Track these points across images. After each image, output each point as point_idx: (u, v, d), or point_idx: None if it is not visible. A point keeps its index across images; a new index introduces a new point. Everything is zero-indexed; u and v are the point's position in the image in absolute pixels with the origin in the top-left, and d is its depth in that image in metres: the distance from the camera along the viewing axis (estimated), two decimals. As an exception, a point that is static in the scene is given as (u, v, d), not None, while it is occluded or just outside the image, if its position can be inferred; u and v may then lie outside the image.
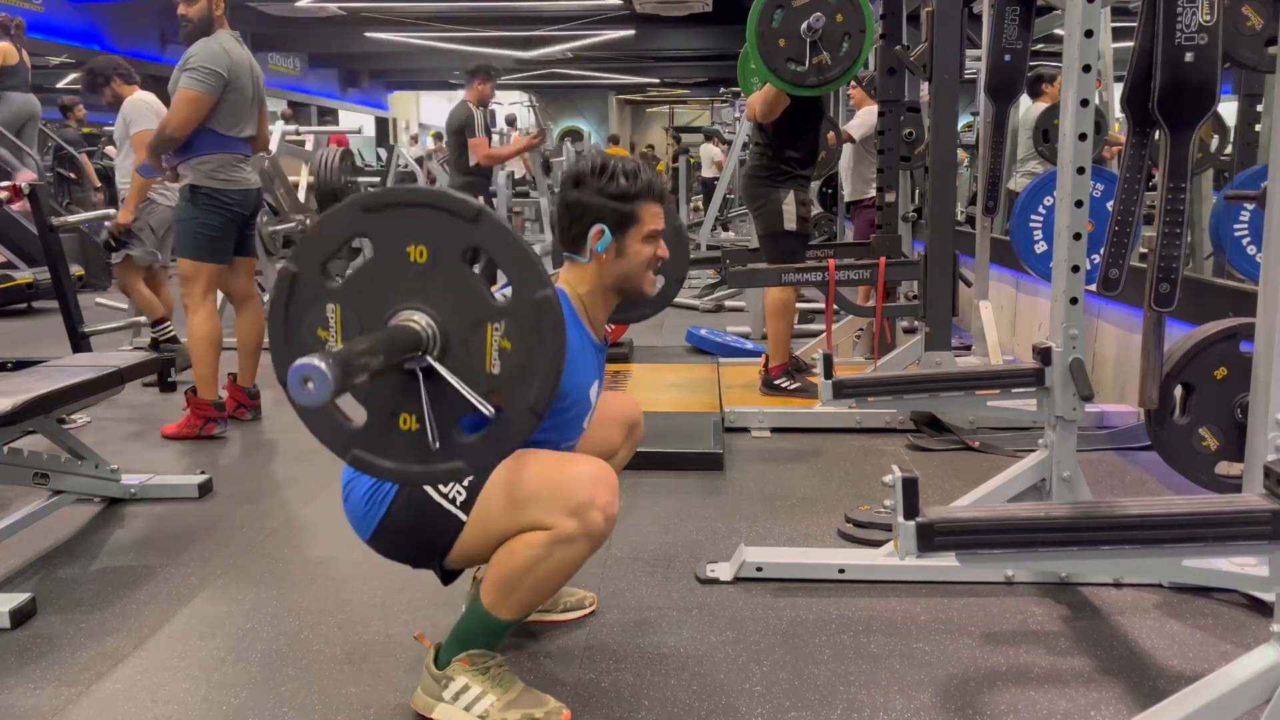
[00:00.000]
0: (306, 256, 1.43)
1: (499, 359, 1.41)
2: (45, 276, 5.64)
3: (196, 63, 3.43)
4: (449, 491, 1.68)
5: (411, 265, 1.40)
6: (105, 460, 2.90)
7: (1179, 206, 2.14)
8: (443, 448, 1.43)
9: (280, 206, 6.01)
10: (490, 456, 1.47)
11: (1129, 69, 2.15)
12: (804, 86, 3.59)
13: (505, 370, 1.41)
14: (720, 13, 11.96)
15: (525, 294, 1.39)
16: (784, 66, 3.56)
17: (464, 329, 1.40)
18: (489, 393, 1.41)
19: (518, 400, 1.41)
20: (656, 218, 1.83)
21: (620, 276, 1.84)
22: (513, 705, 1.72)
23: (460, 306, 1.40)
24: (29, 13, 10.81)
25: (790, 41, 3.53)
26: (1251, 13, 2.93)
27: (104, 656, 2.03)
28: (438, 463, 1.44)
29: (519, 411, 1.42)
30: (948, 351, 3.65)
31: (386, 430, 1.45)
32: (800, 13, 3.51)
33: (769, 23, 3.53)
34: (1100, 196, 3.48)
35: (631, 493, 2.99)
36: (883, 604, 2.23)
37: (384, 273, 1.41)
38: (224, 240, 3.66)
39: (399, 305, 1.40)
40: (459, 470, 1.46)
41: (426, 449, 1.43)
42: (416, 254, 1.40)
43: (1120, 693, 1.85)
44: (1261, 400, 1.68)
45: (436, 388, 1.41)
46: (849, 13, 3.53)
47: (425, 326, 1.39)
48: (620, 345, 4.97)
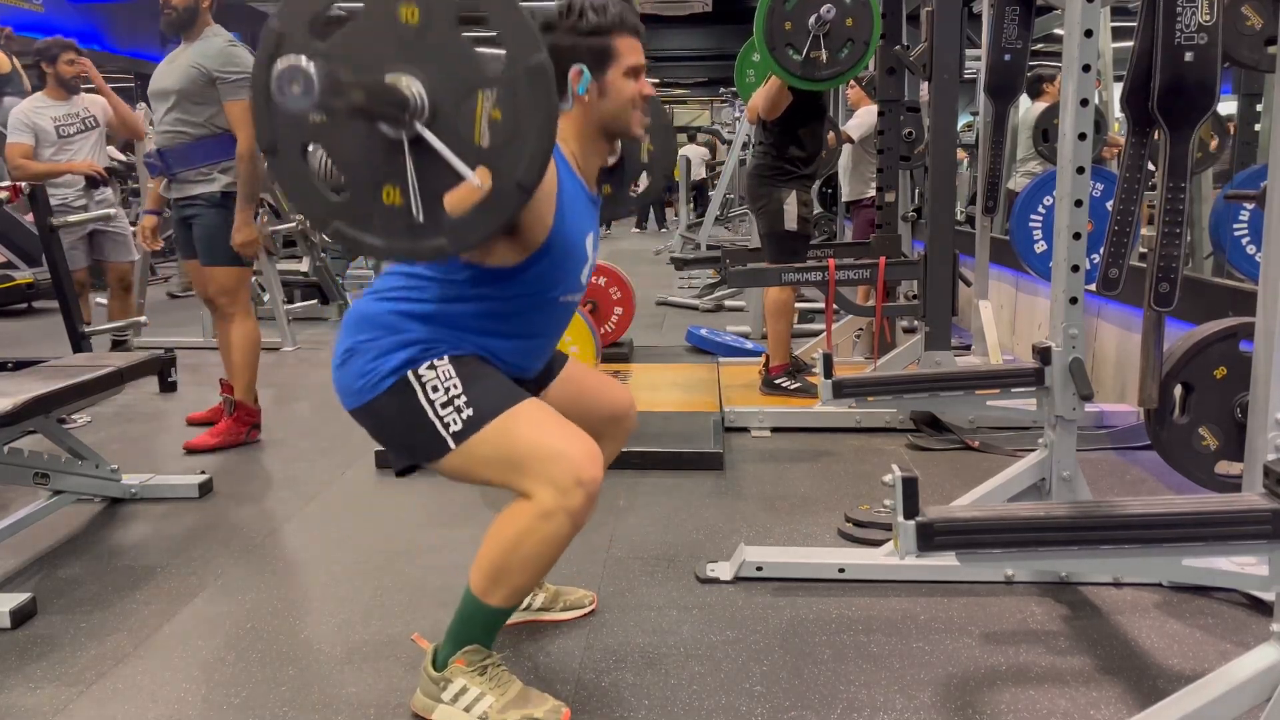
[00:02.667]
0: (293, 15, 1.37)
1: (488, 131, 1.36)
2: (45, 276, 5.63)
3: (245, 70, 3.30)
4: (446, 416, 1.66)
5: (402, 26, 1.34)
6: (105, 460, 2.90)
7: (1179, 206, 2.15)
8: (427, 222, 1.39)
9: (280, 207, 6.02)
10: (475, 233, 1.42)
11: (1129, 69, 2.15)
12: (792, 75, 3.57)
13: (495, 141, 1.36)
14: (720, 13, 11.95)
15: (518, 59, 1.33)
16: (781, 48, 3.53)
17: (454, 97, 1.35)
18: (477, 165, 1.36)
19: (506, 174, 1.37)
20: (635, 50, 1.76)
21: (606, 117, 1.77)
22: (512, 705, 1.72)
23: (451, 72, 1.34)
24: (29, 14, 10.81)
25: (796, 28, 3.50)
26: (1251, 12, 2.93)
27: (104, 656, 2.03)
28: (422, 239, 1.40)
29: (507, 185, 1.37)
30: (947, 351, 3.65)
31: (369, 203, 1.40)
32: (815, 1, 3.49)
33: (782, 1, 3.51)
34: (1100, 196, 3.49)
35: (631, 493, 2.99)
36: (883, 603, 2.23)
37: (373, 33, 1.35)
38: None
39: (387, 69, 1.35)
40: (443, 248, 1.41)
41: (411, 223, 1.39)
42: (408, 14, 1.34)
43: (1120, 692, 1.85)
44: (1261, 400, 1.68)
45: (423, 159, 1.36)
46: (861, 19, 3.51)
47: (415, 93, 1.34)
48: (620, 345, 4.97)
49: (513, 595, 1.70)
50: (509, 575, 1.66)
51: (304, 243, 6.24)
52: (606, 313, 4.83)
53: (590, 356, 3.55)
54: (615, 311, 4.85)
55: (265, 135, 1.41)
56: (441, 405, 1.66)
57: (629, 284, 4.89)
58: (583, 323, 3.74)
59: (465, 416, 1.66)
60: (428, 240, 1.40)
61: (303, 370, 4.97)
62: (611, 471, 1.81)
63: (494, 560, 1.66)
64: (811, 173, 4.01)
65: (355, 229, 1.41)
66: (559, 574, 2.32)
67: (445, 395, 1.67)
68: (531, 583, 1.70)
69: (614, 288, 4.83)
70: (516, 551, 1.64)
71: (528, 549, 1.63)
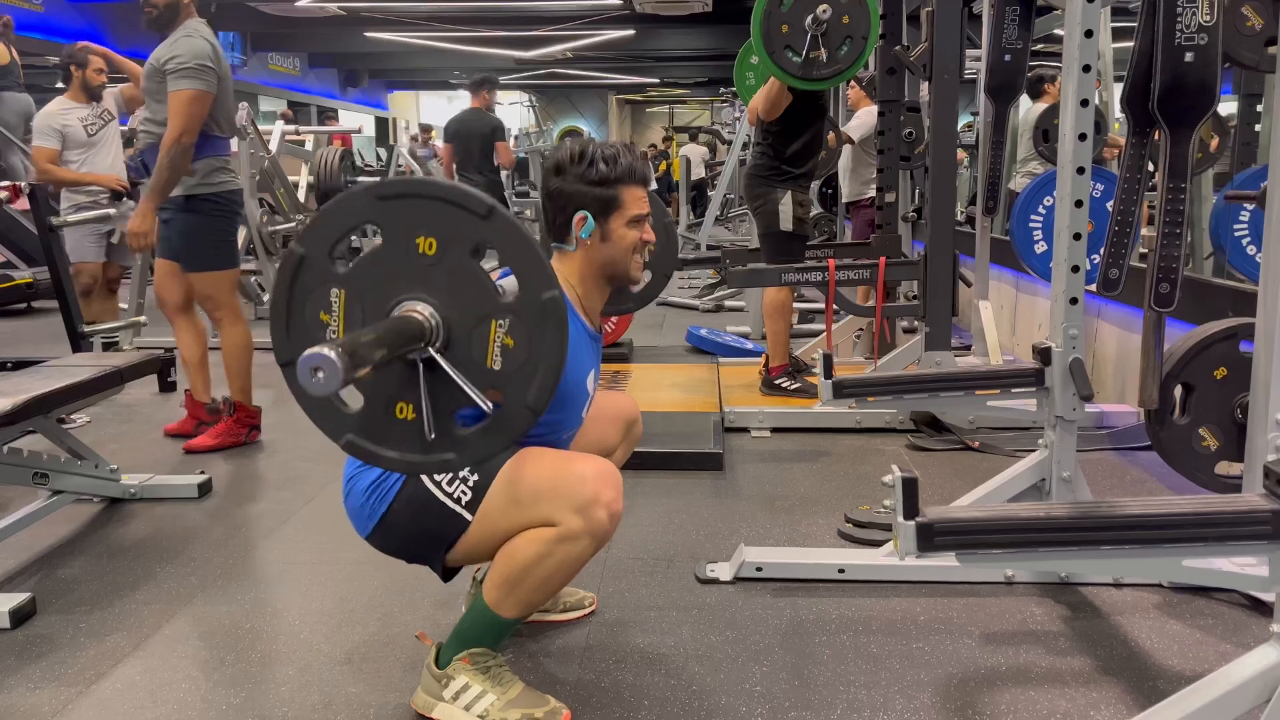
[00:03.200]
0: (315, 239, 1.42)
1: (501, 355, 1.41)
2: (45, 276, 5.63)
3: (188, 60, 3.20)
4: (454, 491, 1.68)
5: (420, 256, 1.39)
6: (105, 460, 2.90)
7: (1179, 206, 2.14)
8: (438, 439, 1.43)
9: (280, 206, 6.02)
10: (486, 450, 1.47)
11: (1129, 69, 2.15)
12: (793, 76, 3.58)
13: (506, 367, 1.41)
14: (720, 13, 11.95)
15: (532, 293, 1.39)
16: (780, 51, 3.54)
17: (468, 323, 1.40)
18: (488, 388, 1.41)
19: (517, 398, 1.41)
20: (639, 201, 1.82)
21: (607, 262, 1.83)
22: (513, 705, 1.72)
23: (465, 300, 1.40)
24: (29, 13, 10.81)
25: (793, 29, 3.51)
26: (1251, 13, 2.93)
27: (104, 656, 2.03)
28: (433, 453, 1.44)
29: (517, 409, 1.42)
30: (947, 351, 3.65)
31: (383, 418, 1.45)
32: (810, 1, 3.49)
33: (777, 4, 3.51)
34: (1100, 196, 3.49)
35: (631, 493, 2.98)
36: (882, 604, 2.23)
37: (391, 262, 1.41)
38: (233, 245, 3.52)
39: (404, 295, 1.40)
40: (452, 462, 1.46)
41: (422, 439, 1.43)
42: (426, 245, 1.40)
43: (1120, 693, 1.85)
44: (1261, 400, 1.68)
45: (436, 379, 1.41)
46: (857, 15, 3.51)
47: (429, 317, 1.39)
48: (620, 345, 4.97)
49: (525, 609, 1.72)
50: (523, 591, 1.67)
51: (304, 243, 6.23)
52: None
53: (590, 357, 3.55)
54: (615, 311, 4.85)
55: (282, 353, 1.46)
56: (448, 483, 1.68)
57: (629, 284, 4.88)
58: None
59: (472, 483, 1.68)
60: (438, 455, 1.45)
61: (302, 370, 4.94)
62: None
63: (510, 576, 1.66)
64: (808, 172, 4.01)
65: (369, 442, 1.46)
66: (559, 574, 2.32)
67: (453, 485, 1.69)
68: (545, 598, 1.71)
69: (614, 288, 4.82)
70: (535, 570, 1.64)
71: (546, 568, 1.64)
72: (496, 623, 1.72)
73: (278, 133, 6.36)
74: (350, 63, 19.26)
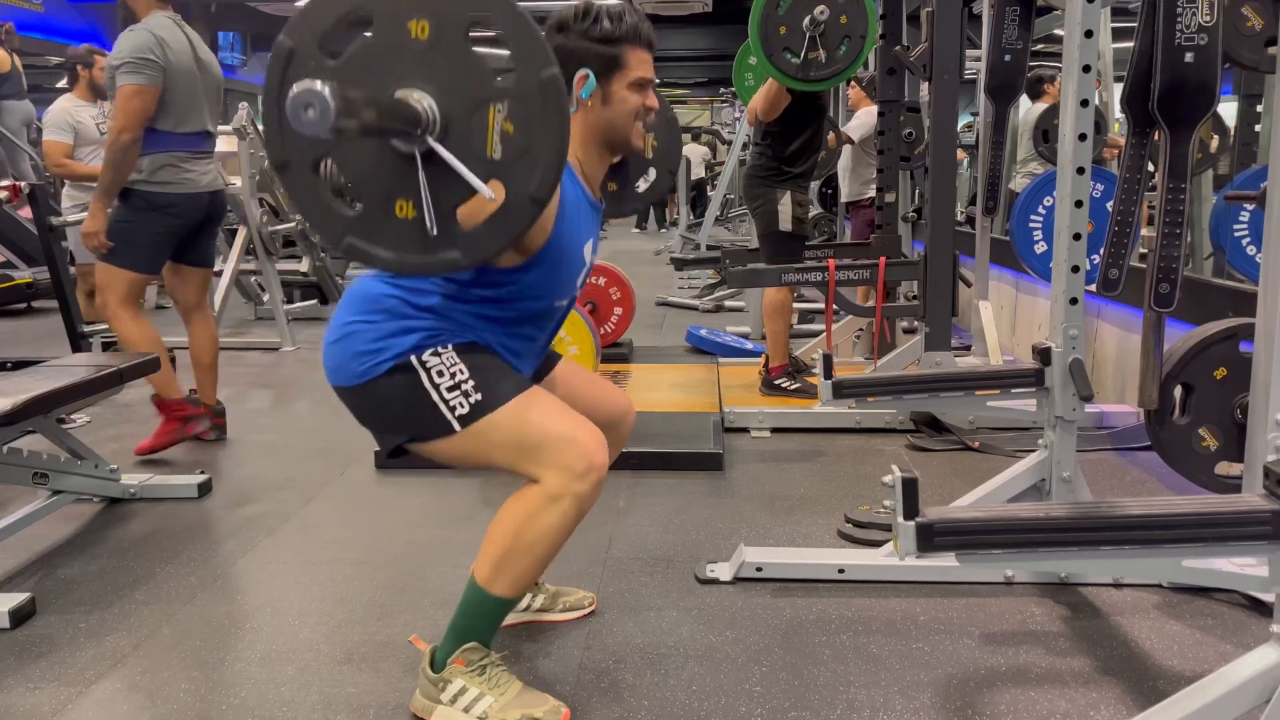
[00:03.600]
0: (303, 31, 1.37)
1: (500, 143, 1.36)
2: (45, 276, 5.64)
3: (126, 55, 3.10)
4: (452, 399, 1.66)
5: (413, 42, 1.35)
6: (105, 460, 2.90)
7: (1179, 207, 2.15)
8: (440, 235, 1.39)
9: (280, 206, 6.01)
10: (489, 246, 1.42)
11: (1129, 69, 2.15)
12: (793, 78, 3.58)
13: (507, 155, 1.36)
14: (720, 13, 11.95)
15: (530, 73, 1.33)
16: (779, 54, 3.54)
17: (466, 110, 1.35)
18: (489, 179, 1.37)
19: (519, 187, 1.37)
20: (644, 64, 1.77)
21: (608, 126, 1.77)
22: (511, 705, 1.72)
23: (462, 86, 1.35)
24: (29, 13, 10.81)
25: (791, 31, 3.52)
26: (1251, 13, 2.93)
27: (104, 656, 2.03)
28: (435, 252, 1.40)
29: (520, 199, 1.38)
30: (947, 351, 3.65)
31: (383, 218, 1.40)
32: (807, 2, 3.50)
33: (774, 6, 3.52)
34: (1100, 197, 3.49)
35: (631, 493, 2.99)
36: (882, 604, 2.23)
37: (383, 50, 1.35)
38: (155, 249, 3.29)
39: (398, 85, 1.35)
40: (456, 261, 1.42)
41: (424, 236, 1.39)
42: (418, 29, 1.34)
43: (1120, 693, 1.85)
44: (1261, 400, 1.68)
45: (435, 173, 1.37)
46: (855, 15, 3.51)
47: (426, 107, 1.35)
48: (620, 345, 4.97)
49: (516, 584, 1.70)
50: (514, 561, 1.67)
51: (303, 243, 6.23)
52: (606, 313, 4.83)
53: (590, 357, 3.55)
54: (615, 312, 4.85)
55: (277, 152, 1.41)
56: (447, 389, 1.67)
57: (629, 284, 4.89)
58: (583, 323, 3.74)
59: (474, 401, 1.66)
60: (441, 253, 1.41)
61: (302, 370, 4.96)
62: (611, 472, 1.80)
63: (499, 545, 1.67)
64: (806, 172, 4.01)
65: (368, 243, 1.42)
66: (558, 575, 2.32)
67: (451, 380, 1.67)
68: (535, 571, 1.71)
69: (614, 288, 4.83)
70: (522, 536, 1.65)
71: (533, 533, 1.64)
72: (490, 603, 1.71)
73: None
74: (350, 63, 19.25)
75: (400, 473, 3.21)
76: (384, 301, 1.72)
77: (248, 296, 6.84)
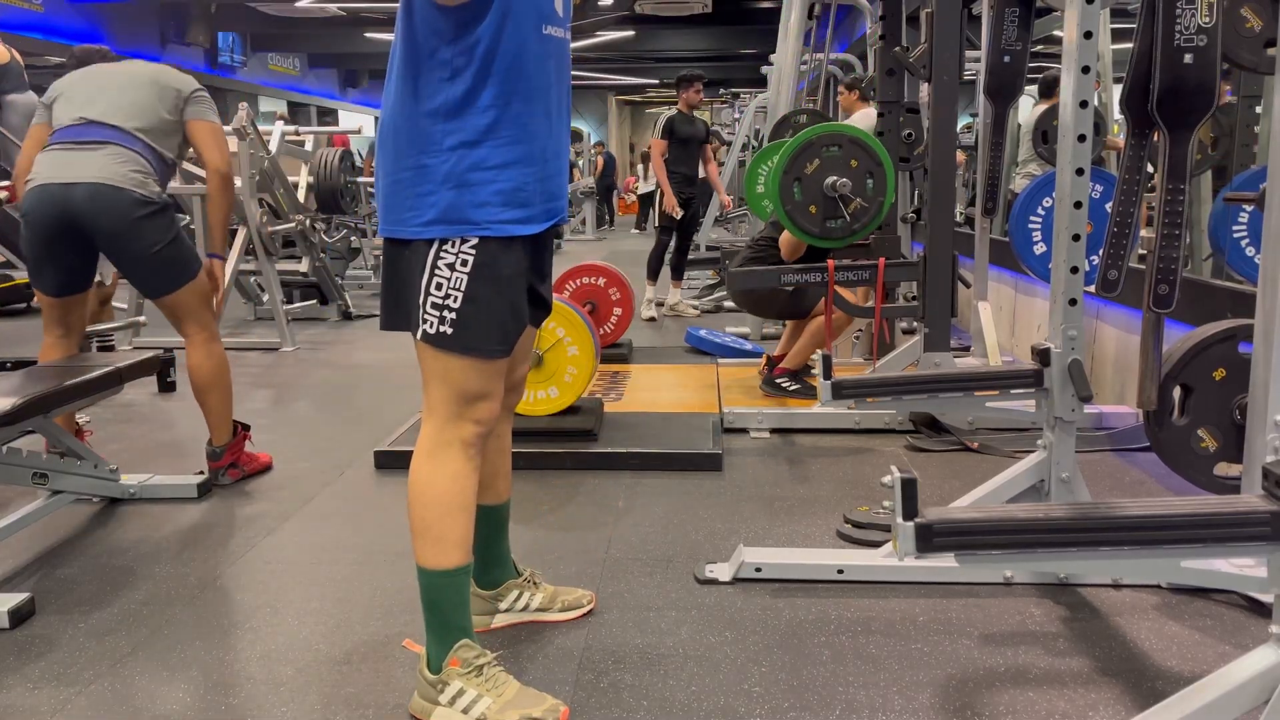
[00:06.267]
0: None
1: None
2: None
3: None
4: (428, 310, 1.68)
5: None
6: (104, 460, 2.90)
7: (1178, 208, 2.15)
8: None
9: (280, 207, 6.02)
10: None
11: (1128, 70, 2.15)
12: (854, 234, 3.66)
13: None
14: (720, 13, 11.97)
15: None
16: (825, 227, 3.63)
17: None
18: None
19: None
20: None
21: None
22: (510, 705, 1.72)
23: None
24: (29, 13, 10.80)
25: (819, 205, 3.60)
26: (1251, 14, 2.93)
27: (103, 656, 2.03)
28: None
29: None
30: (947, 352, 3.65)
31: None
32: (815, 178, 3.57)
33: (792, 199, 3.59)
34: (1099, 198, 3.49)
35: (630, 494, 2.99)
36: (881, 605, 2.23)
37: None
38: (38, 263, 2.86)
39: None
40: None
41: None
42: None
43: (1119, 693, 1.85)
44: (1260, 401, 1.68)
45: None
46: (859, 155, 3.58)
47: None
48: (620, 346, 4.98)
49: (444, 547, 1.74)
50: (429, 527, 1.73)
51: (303, 243, 6.24)
52: (606, 314, 4.83)
53: (590, 357, 3.55)
54: (615, 312, 4.85)
55: None
56: (435, 302, 1.68)
57: (629, 285, 4.90)
58: (582, 323, 3.74)
59: (449, 321, 1.68)
60: None
61: (302, 370, 4.97)
62: (610, 472, 1.81)
63: (413, 521, 1.75)
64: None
65: None
66: (557, 574, 2.32)
67: (443, 293, 1.68)
68: (453, 528, 1.74)
69: (613, 289, 4.83)
70: (421, 500, 1.73)
71: (431, 494, 1.73)
72: (436, 580, 1.75)
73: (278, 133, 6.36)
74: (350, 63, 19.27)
75: (400, 473, 3.19)
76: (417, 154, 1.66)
77: (247, 297, 6.85)
